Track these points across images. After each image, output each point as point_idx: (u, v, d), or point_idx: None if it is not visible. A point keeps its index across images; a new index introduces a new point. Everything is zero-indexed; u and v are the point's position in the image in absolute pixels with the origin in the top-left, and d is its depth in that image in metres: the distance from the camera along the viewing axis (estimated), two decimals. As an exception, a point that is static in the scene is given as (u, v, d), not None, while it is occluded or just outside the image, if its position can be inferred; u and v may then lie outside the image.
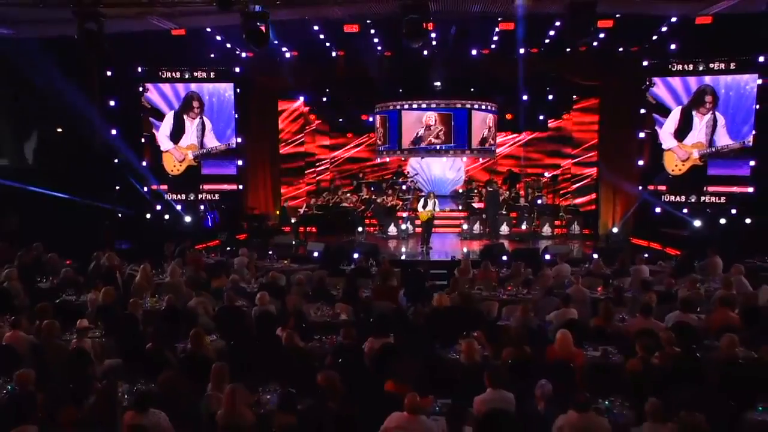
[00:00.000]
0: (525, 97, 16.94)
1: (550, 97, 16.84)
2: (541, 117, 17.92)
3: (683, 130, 13.75)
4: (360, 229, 14.68)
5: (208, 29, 12.89)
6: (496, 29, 12.65)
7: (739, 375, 5.73)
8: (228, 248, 12.81)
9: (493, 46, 13.85)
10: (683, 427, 4.47)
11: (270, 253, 12.24)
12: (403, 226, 15.01)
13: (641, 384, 5.57)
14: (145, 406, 4.48)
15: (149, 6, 9.36)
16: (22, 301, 8.52)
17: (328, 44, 13.83)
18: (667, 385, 5.50)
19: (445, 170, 19.33)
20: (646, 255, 10.95)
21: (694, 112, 13.63)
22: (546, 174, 17.79)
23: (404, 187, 17.78)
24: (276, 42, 13.53)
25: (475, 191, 16.71)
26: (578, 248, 13.49)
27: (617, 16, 11.58)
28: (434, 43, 13.45)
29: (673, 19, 11.96)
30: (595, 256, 11.66)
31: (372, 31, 12.84)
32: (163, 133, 15.05)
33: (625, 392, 5.35)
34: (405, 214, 15.62)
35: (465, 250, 13.48)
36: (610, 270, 10.23)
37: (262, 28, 8.25)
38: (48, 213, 13.61)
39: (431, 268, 11.28)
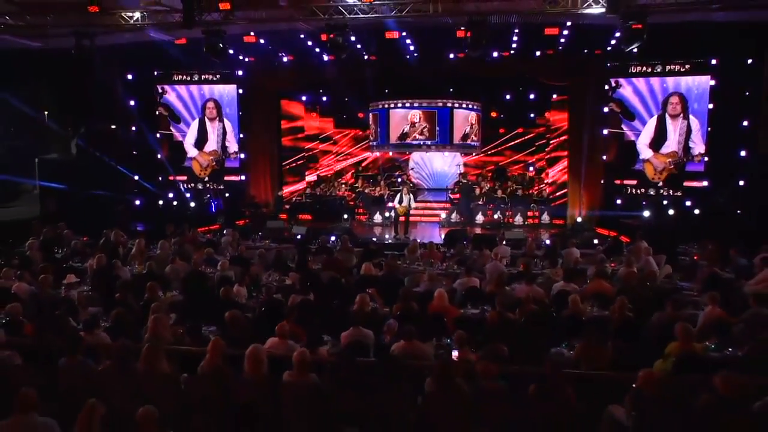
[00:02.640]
0: (508, 97, 18.27)
1: (532, 96, 18.02)
2: (532, 115, 19.18)
3: (658, 140, 14.64)
4: (345, 216, 16.27)
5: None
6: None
7: (570, 324, 7.11)
8: (224, 231, 14.60)
9: (467, 50, 15.14)
10: (485, 353, 5.90)
11: (260, 234, 14.01)
12: (387, 214, 16.52)
13: (495, 331, 7.01)
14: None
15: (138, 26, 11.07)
16: (36, 266, 10.46)
17: (317, 50, 15.42)
18: (513, 332, 6.92)
19: (445, 165, 20.74)
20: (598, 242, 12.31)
21: (667, 120, 14.50)
22: (531, 168, 19.02)
23: (399, 180, 19.34)
24: (270, 48, 15.31)
25: (459, 184, 18.07)
26: (539, 236, 14.66)
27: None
28: (412, 48, 14.89)
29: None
30: (548, 241, 13.03)
31: (353, 38, 14.37)
32: (188, 141, 16.95)
33: (482, 337, 6.76)
34: (390, 204, 17.11)
35: (442, 235, 14.88)
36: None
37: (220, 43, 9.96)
38: (80, 198, 15.84)
39: (394, 249, 12.75)
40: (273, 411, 4.87)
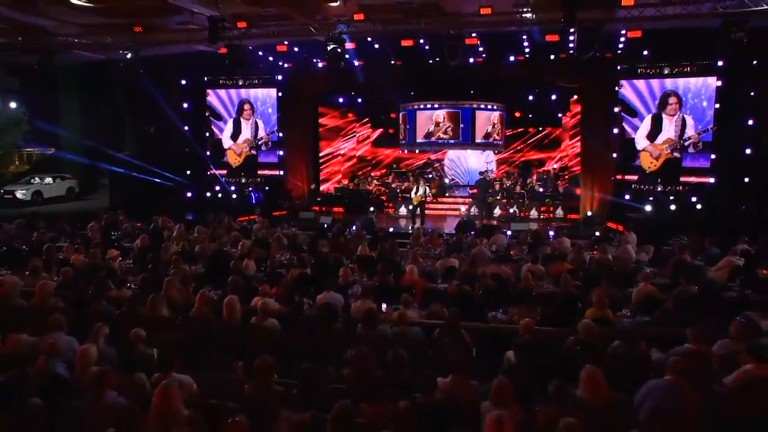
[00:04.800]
0: (531, 98, 19.22)
1: (553, 97, 18.89)
2: (560, 115, 20.05)
3: (654, 132, 15.48)
4: (372, 208, 17.70)
5: (250, 47, 16.41)
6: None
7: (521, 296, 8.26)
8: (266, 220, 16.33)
9: (484, 55, 16.26)
10: (431, 314, 7.20)
11: (292, 223, 15.68)
12: (410, 207, 17.80)
13: (456, 300, 8.24)
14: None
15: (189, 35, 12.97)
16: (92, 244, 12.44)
17: (347, 56, 16.88)
18: (465, 300, 8.15)
19: (479, 162, 21.83)
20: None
21: (663, 116, 15.32)
22: (554, 166, 19.87)
23: (430, 176, 20.61)
24: (305, 55, 16.92)
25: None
26: (544, 228, 15.55)
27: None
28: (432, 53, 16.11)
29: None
30: (551, 233, 14.04)
31: (376, 46, 15.77)
32: (226, 135, 19.03)
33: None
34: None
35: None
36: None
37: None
38: (141, 190, 18.07)
39: (407, 238, 14.08)
40: (243, 345, 6.34)
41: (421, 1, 10.81)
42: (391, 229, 15.42)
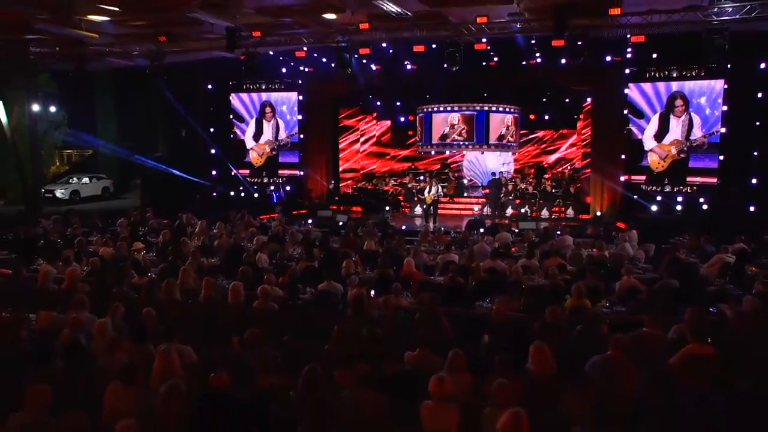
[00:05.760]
0: (545, 100, 19.65)
1: (567, 100, 19.28)
2: (575, 117, 20.40)
3: (661, 133, 15.82)
4: (387, 207, 18.35)
5: (272, 52, 17.19)
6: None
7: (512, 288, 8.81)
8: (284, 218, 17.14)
9: (496, 59, 16.77)
10: (419, 302, 7.81)
11: (310, 220, 16.49)
12: (425, 206, 18.42)
13: (448, 290, 8.84)
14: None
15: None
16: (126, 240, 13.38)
17: (365, 61, 17.57)
18: (457, 290, 8.75)
19: (498, 163, 22.31)
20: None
21: (670, 116, 15.65)
22: (569, 167, 20.25)
23: (448, 176, 21.21)
24: (324, 60, 17.66)
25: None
26: (552, 227, 15.95)
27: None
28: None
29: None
30: (558, 231, 14.48)
31: (391, 51, 16.42)
32: (248, 135, 19.94)
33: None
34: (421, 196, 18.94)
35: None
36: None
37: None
38: (169, 189, 19.08)
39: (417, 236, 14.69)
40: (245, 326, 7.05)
41: (426, 12, 11.42)
42: (403, 227, 16.02)
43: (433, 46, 15.32)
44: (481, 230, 14.90)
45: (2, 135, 19.45)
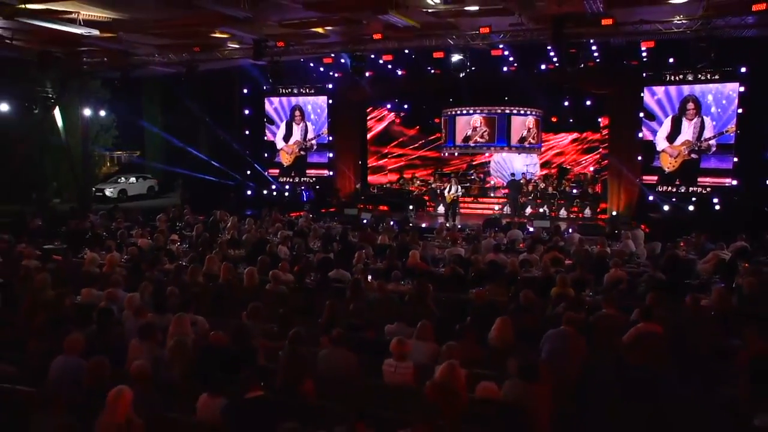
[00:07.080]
0: (566, 103, 20.16)
1: (588, 102, 19.73)
2: (599, 119, 20.82)
3: (673, 134, 16.24)
4: (411, 207, 19.17)
5: (302, 59, 18.22)
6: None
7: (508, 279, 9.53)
8: (311, 215, 18.15)
9: (516, 64, 17.39)
10: (413, 286, 8.61)
11: (336, 218, 17.46)
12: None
13: (448, 280, 9.62)
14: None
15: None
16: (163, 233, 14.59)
17: (390, 66, 18.42)
18: (457, 280, 9.53)
19: (524, 164, 22.88)
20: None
21: (683, 119, 16.05)
22: (591, 168, 20.69)
23: (473, 177, 21.92)
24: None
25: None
26: (569, 226, 16.51)
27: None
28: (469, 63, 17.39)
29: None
30: (570, 230, 15.06)
31: (413, 57, 17.24)
32: (279, 136, 21.14)
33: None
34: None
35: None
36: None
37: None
38: (207, 188, 20.38)
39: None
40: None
41: (439, 22, 12.23)
42: (423, 225, 16.81)
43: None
44: (496, 228, 15.58)
45: (58, 138, 21.01)
